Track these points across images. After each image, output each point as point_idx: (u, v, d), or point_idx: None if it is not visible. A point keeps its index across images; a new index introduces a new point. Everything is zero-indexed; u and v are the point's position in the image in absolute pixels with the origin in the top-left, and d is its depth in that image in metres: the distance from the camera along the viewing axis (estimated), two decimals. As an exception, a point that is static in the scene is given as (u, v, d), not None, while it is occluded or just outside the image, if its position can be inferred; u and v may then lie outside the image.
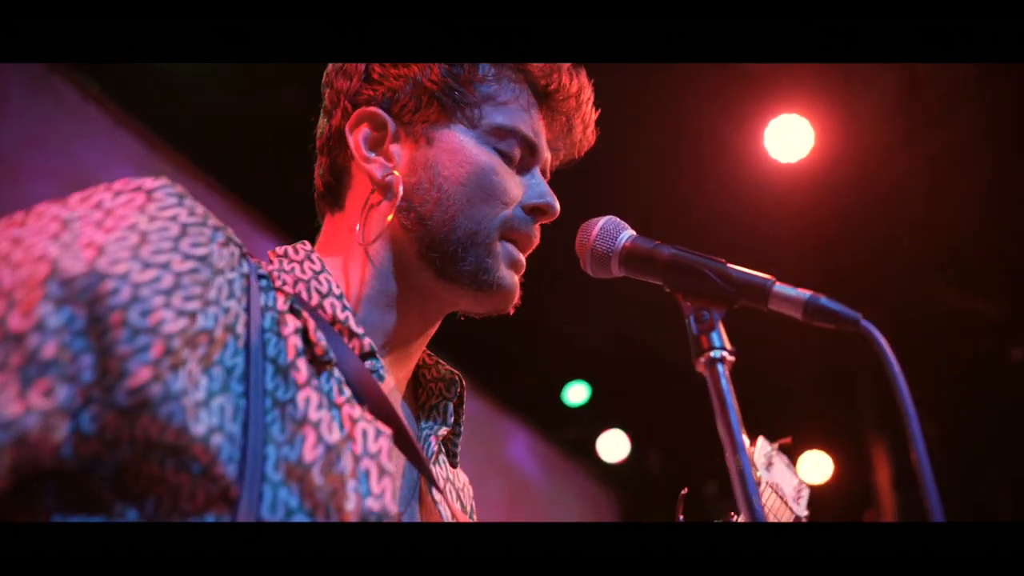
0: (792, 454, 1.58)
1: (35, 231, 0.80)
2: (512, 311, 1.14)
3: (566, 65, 1.17)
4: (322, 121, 1.17)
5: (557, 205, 1.14)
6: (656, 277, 0.96)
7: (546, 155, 1.18)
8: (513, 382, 4.78)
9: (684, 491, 1.12)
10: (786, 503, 1.35)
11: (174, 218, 0.86)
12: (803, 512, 1.40)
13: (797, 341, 4.58)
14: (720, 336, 0.85)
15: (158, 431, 0.77)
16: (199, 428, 0.79)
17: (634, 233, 1.02)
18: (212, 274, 0.85)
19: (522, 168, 1.14)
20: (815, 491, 4.67)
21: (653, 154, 3.71)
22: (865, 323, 0.81)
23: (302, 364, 0.91)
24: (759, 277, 0.89)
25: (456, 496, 1.15)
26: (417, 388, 1.19)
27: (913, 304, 4.41)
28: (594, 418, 5.14)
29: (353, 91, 1.13)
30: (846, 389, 4.78)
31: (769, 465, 1.40)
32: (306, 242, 1.10)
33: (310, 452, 0.85)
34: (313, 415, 0.88)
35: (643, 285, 1.03)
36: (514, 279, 1.11)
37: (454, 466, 1.18)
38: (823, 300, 0.84)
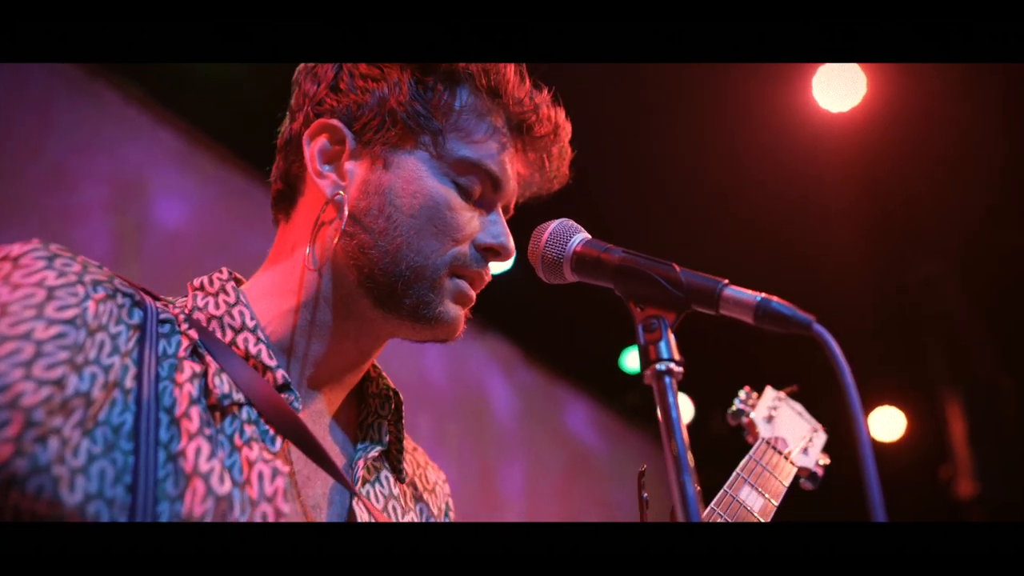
0: (809, 403, 1.52)
1: None
2: (454, 341, 1.11)
3: (546, 98, 1.12)
4: (286, 121, 1.14)
5: (512, 247, 1.10)
6: (607, 282, 0.92)
7: (510, 192, 1.13)
8: (568, 350, 4.76)
9: (644, 467, 1.10)
10: (786, 457, 1.32)
11: (40, 283, 0.84)
12: (810, 462, 1.37)
13: (864, 295, 4.41)
14: (668, 346, 0.81)
15: (30, 504, 0.77)
16: (74, 497, 0.78)
17: (587, 236, 0.98)
18: (86, 334, 0.84)
19: (483, 204, 1.10)
20: (888, 448, 4.55)
21: (698, 106, 3.59)
22: (817, 327, 0.76)
23: (195, 413, 0.89)
24: (709, 280, 0.84)
25: (401, 512, 1.13)
26: (360, 404, 1.16)
27: (985, 250, 4.19)
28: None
29: (318, 98, 1.09)
30: (915, 343, 4.59)
31: (770, 418, 1.37)
32: (223, 270, 1.07)
33: (199, 506, 0.84)
34: (203, 466, 0.86)
35: (698, 245, 0.97)
36: (458, 312, 1.08)
37: (401, 481, 1.16)
38: (774, 303, 0.79)
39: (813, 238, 4.13)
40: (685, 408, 5.21)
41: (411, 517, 1.14)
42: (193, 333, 0.97)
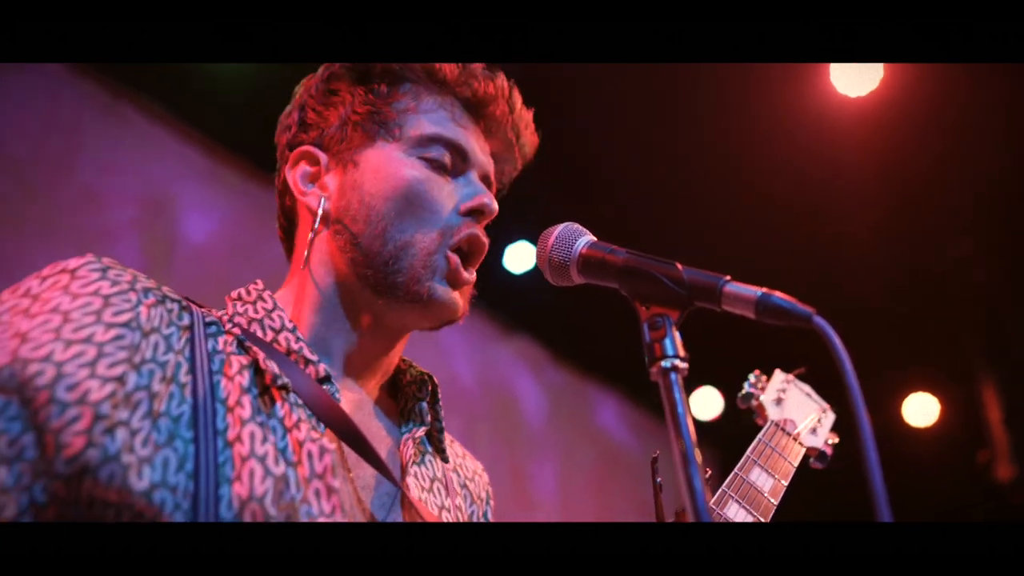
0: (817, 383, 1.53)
1: None
2: (461, 321, 1.15)
3: (478, 69, 1.17)
4: (277, 176, 1.23)
5: (494, 205, 1.14)
6: (613, 282, 0.94)
7: (482, 161, 1.18)
8: (596, 348, 4.76)
9: (656, 453, 1.12)
10: (795, 438, 1.35)
11: (96, 292, 0.92)
12: (819, 442, 1.40)
13: (894, 280, 4.36)
14: (673, 343, 0.82)
15: (102, 492, 0.83)
16: (141, 484, 0.84)
17: (592, 239, 1.00)
18: (141, 336, 0.91)
19: (456, 173, 1.15)
20: (923, 434, 4.48)
21: (715, 93, 3.57)
22: (817, 320, 0.77)
23: (247, 401, 0.96)
24: (710, 277, 0.86)
25: (446, 493, 1.17)
26: (397, 394, 1.22)
27: (1018, 228, 4.12)
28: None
29: (293, 140, 1.18)
30: (948, 326, 4.52)
31: (779, 401, 1.39)
32: (259, 282, 1.14)
33: (259, 486, 0.90)
34: (259, 449, 0.93)
35: (722, 243, 0.96)
36: (450, 293, 1.11)
37: (445, 461, 1.20)
38: (775, 298, 0.80)
39: (839, 224, 4.09)
40: (714, 401, 5.19)
41: (457, 501, 1.19)
42: (237, 331, 1.04)
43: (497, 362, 4.47)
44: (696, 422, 5.34)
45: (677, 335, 0.83)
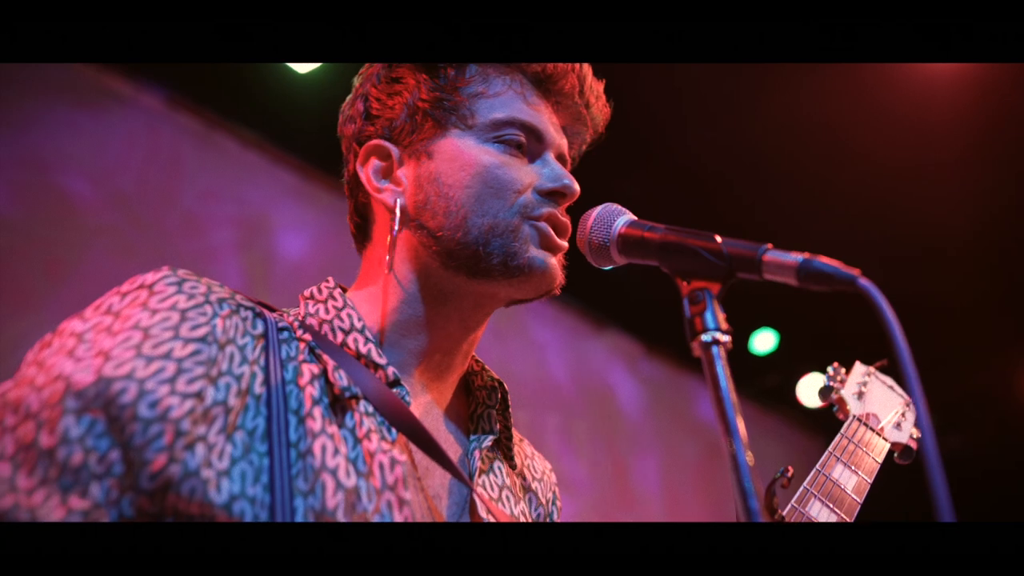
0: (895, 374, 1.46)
1: (55, 351, 0.91)
2: (558, 291, 1.12)
3: None
4: (345, 170, 1.21)
5: (575, 185, 1.10)
6: (654, 260, 0.92)
7: (557, 140, 1.15)
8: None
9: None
10: (878, 433, 1.31)
11: (174, 306, 0.93)
12: (903, 437, 1.34)
13: (1012, 254, 4.10)
14: (714, 316, 0.80)
15: (184, 506, 0.86)
16: (221, 497, 0.86)
17: (632, 218, 0.98)
18: (217, 349, 0.92)
19: (532, 156, 1.12)
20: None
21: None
22: (862, 282, 0.73)
23: (317, 412, 0.96)
24: (749, 246, 0.83)
25: (515, 500, 1.15)
26: (468, 396, 1.20)
27: None
28: (788, 364, 4.90)
29: (358, 132, 1.15)
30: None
31: (860, 394, 1.34)
32: (330, 279, 1.14)
33: (331, 499, 0.91)
34: (330, 462, 0.93)
35: (811, 225, 0.92)
36: (548, 259, 1.08)
37: (513, 469, 1.19)
38: (816, 262, 0.77)
39: (943, 201, 3.88)
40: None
41: (522, 507, 1.17)
42: (307, 336, 1.04)
43: (591, 357, 4.46)
44: (803, 410, 5.16)
45: (719, 308, 0.81)
